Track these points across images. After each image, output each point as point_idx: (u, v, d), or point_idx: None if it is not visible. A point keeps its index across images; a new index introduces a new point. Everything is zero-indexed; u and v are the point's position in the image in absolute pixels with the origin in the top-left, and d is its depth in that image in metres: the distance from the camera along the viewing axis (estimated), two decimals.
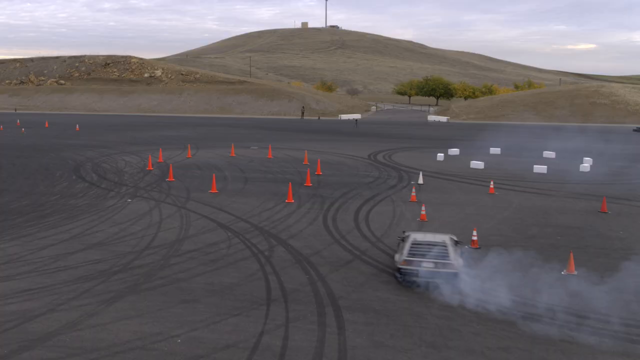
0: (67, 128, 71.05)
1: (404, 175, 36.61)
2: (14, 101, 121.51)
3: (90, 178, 34.58)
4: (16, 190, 30.83)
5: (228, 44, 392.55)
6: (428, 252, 16.48)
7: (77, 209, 26.23)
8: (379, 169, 39.45)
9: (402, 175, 36.54)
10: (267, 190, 31.04)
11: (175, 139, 58.85)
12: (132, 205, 27.24)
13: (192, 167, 38.88)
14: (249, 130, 70.57)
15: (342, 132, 68.26)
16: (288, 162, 42.28)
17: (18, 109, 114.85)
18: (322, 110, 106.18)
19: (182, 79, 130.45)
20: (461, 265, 16.53)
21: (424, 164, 40.95)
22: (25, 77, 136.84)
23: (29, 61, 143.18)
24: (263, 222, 24.04)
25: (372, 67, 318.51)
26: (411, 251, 16.75)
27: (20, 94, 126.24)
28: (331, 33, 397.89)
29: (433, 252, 16.44)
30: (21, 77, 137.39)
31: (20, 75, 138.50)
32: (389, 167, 40.23)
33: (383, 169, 39.68)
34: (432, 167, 39.66)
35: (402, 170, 38.82)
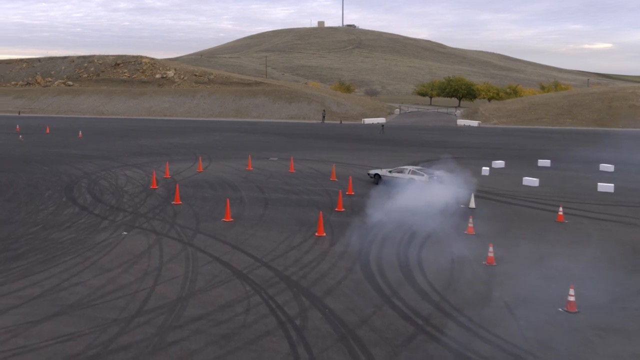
0: (69, 134, 66.66)
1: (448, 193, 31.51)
2: (18, 103, 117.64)
3: (83, 200, 29.88)
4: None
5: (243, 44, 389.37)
6: None
7: (59, 247, 21.48)
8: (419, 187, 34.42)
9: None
10: (291, 218, 26.15)
11: (186, 147, 54.20)
12: (128, 240, 22.47)
13: (203, 185, 34.08)
14: (266, 137, 65.80)
15: (368, 139, 63.23)
16: (313, 177, 37.38)
17: (22, 111, 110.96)
18: (343, 114, 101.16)
19: (195, 80, 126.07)
20: None
21: (466, 179, 35.83)
22: (31, 78, 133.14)
23: (36, 61, 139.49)
24: (290, 268, 19.13)
25: (390, 67, 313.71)
26: None
27: (25, 95, 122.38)
28: (348, 32, 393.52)
29: None
30: (28, 78, 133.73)
31: (26, 76, 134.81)
32: (429, 184, 35.13)
33: (423, 185, 34.61)
34: (478, 185, 34.51)
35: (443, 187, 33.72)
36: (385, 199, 30.36)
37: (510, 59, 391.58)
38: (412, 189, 32.30)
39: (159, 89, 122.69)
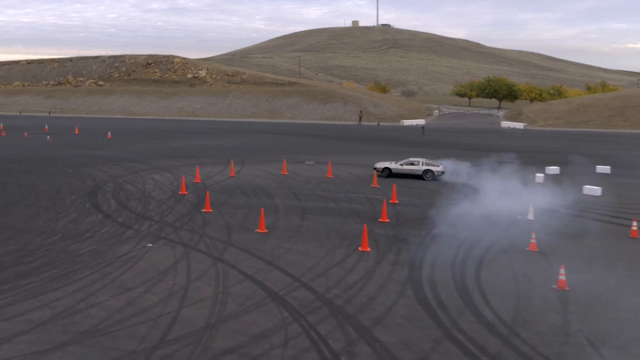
0: (99, 135, 65.78)
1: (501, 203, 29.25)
2: (49, 103, 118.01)
3: (107, 207, 28.34)
4: (8, 225, 24.74)
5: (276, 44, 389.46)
6: None
7: (77, 261, 19.84)
8: (466, 194, 32.21)
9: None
10: (331, 230, 24.19)
11: (218, 149, 52.67)
12: (153, 253, 20.75)
13: (235, 192, 32.33)
14: (301, 139, 64.03)
15: (408, 142, 60.94)
16: (353, 183, 35.38)
17: (52, 111, 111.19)
18: (380, 115, 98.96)
19: (227, 80, 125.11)
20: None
21: (519, 188, 33.40)
22: (63, 78, 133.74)
23: (67, 61, 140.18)
24: (332, 290, 17.15)
25: (426, 67, 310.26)
26: None
27: (56, 95, 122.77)
28: (383, 32, 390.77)
29: None
30: (59, 78, 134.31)
31: (58, 75, 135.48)
32: (478, 192, 32.88)
33: (472, 194, 32.42)
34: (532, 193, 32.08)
35: (494, 196, 31.46)
36: (432, 208, 28.27)
37: (551, 58, 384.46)
38: (462, 198, 30.18)
39: (190, 89, 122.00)
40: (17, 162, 43.37)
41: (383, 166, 37.55)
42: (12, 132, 68.10)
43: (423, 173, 36.75)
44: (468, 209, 28.06)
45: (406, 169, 36.99)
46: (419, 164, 37.16)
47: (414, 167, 36.97)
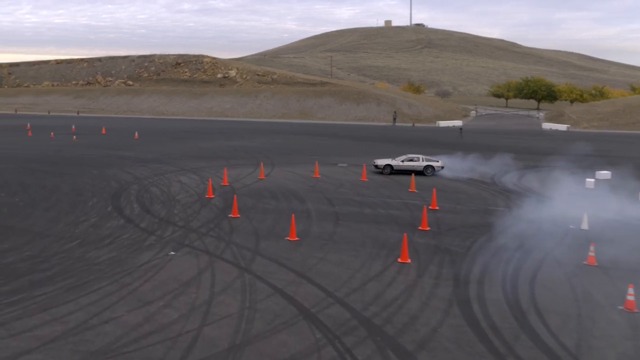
0: (126, 135, 65.22)
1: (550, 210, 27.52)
2: (77, 103, 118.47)
3: (129, 210, 27.29)
4: (26, 229, 23.79)
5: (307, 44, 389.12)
6: None
7: (94, 269, 18.71)
8: (511, 200, 30.54)
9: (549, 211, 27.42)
10: (367, 238, 22.75)
11: (247, 151, 51.56)
12: (175, 262, 19.54)
13: (265, 195, 31.08)
14: (333, 140, 62.67)
15: (446, 144, 59.11)
16: (389, 187, 33.89)
17: (81, 111, 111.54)
18: (415, 116, 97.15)
19: (258, 80, 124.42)
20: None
21: (569, 194, 31.55)
22: (92, 78, 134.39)
23: (96, 61, 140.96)
24: (370, 307, 15.72)
25: (461, 67, 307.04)
26: None
27: (85, 95, 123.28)
28: (416, 31, 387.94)
29: None
30: (88, 78, 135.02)
31: (87, 75, 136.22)
32: (524, 197, 31.20)
33: (517, 199, 30.73)
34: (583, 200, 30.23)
35: (543, 202, 29.76)
36: (476, 214, 26.67)
37: (590, 58, 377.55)
38: (507, 205, 28.51)
39: (220, 89, 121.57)
40: (41, 162, 42.75)
41: (384, 163, 38.23)
42: (39, 132, 67.94)
43: (424, 169, 37.92)
44: (515, 216, 26.40)
45: (407, 166, 37.96)
46: (419, 160, 38.33)
47: (415, 163, 38.12)
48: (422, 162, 38.13)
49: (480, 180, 37.00)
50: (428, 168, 38.04)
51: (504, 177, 38.45)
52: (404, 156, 39.42)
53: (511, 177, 38.57)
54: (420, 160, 38.28)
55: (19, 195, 30.64)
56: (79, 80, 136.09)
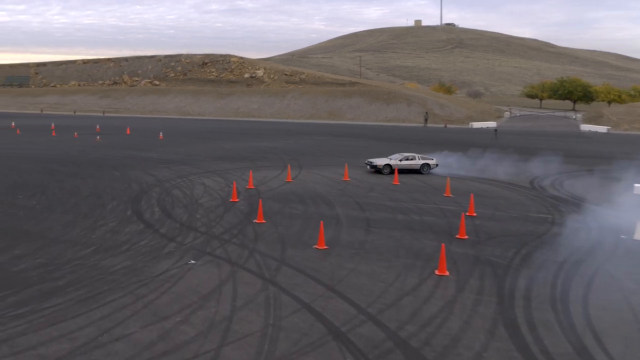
0: (150, 136, 64.64)
1: (598, 218, 25.92)
2: (103, 103, 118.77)
3: (149, 215, 26.30)
4: (41, 234, 22.90)
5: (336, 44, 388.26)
6: None
7: (109, 279, 17.67)
8: (555, 206, 28.95)
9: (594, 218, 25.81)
10: (401, 247, 21.42)
11: (274, 152, 50.49)
12: (195, 271, 18.43)
13: (292, 199, 29.90)
14: (363, 142, 61.31)
15: (481, 146, 57.41)
16: (422, 191, 32.49)
17: (107, 111, 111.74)
18: (447, 117, 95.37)
19: (286, 80, 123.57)
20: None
21: (617, 200, 29.82)
22: (118, 78, 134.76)
23: (123, 61, 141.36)
24: (406, 326, 14.41)
25: (493, 68, 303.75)
26: None
27: (111, 95, 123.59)
28: (447, 31, 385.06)
29: None
30: (114, 78, 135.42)
31: (113, 75, 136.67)
32: (568, 204, 29.60)
33: (560, 205, 29.14)
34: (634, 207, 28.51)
35: (589, 209, 28.14)
36: (518, 222, 25.18)
37: (628, 58, 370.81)
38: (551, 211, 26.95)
39: (247, 89, 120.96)
40: (62, 163, 42.13)
41: (384, 163, 38.07)
42: (63, 132, 67.75)
43: (421, 167, 38.41)
44: (560, 224, 24.88)
45: (405, 164, 38.27)
46: (415, 158, 38.79)
47: (413, 161, 38.54)
48: (419, 161, 38.66)
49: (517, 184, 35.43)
50: (424, 166, 38.52)
51: (545, 181, 36.80)
52: (399, 154, 39.66)
53: (552, 181, 36.91)
54: (417, 159, 38.76)
55: (37, 198, 29.88)
56: (105, 80, 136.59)
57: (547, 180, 36.96)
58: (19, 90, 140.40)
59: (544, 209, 28.35)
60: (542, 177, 38.03)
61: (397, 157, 39.19)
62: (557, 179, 37.61)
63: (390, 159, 38.90)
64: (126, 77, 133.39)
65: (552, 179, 37.48)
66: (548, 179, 37.44)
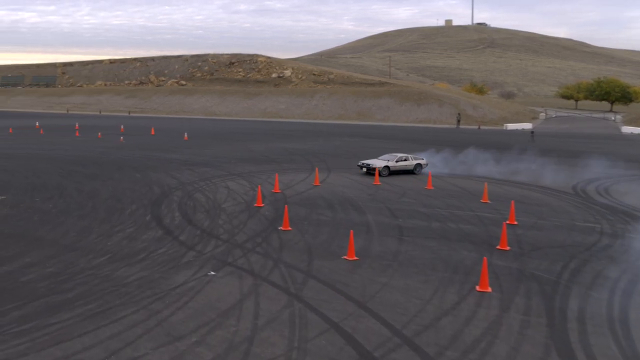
0: (175, 136, 63.89)
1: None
2: (129, 103, 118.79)
3: (169, 220, 25.22)
4: (54, 240, 21.92)
5: (365, 44, 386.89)
6: None
7: (121, 292, 16.55)
8: (602, 214, 27.26)
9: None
10: (437, 258, 20.01)
11: (301, 154, 49.29)
12: (215, 284, 17.24)
13: (320, 204, 28.62)
14: (393, 143, 59.80)
15: (516, 149, 55.57)
16: (458, 197, 30.99)
17: (132, 111, 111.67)
18: (480, 118, 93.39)
19: (314, 80, 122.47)
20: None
21: None
22: (145, 77, 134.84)
23: (149, 60, 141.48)
24: (447, 352, 13.03)
25: (526, 68, 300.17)
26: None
27: (137, 95, 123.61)
28: (478, 31, 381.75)
29: None
30: (141, 77, 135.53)
31: (140, 75, 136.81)
32: (617, 212, 27.88)
33: (608, 213, 27.44)
34: None
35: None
36: (563, 231, 23.59)
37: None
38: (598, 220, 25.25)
39: (275, 89, 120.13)
40: (83, 164, 41.37)
41: (383, 165, 36.81)
42: (87, 133, 67.35)
43: (414, 167, 37.78)
44: (610, 235, 23.25)
45: (402, 166, 37.47)
46: (408, 159, 38.01)
47: (407, 162, 37.73)
48: (412, 161, 37.99)
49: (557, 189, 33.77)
50: (417, 166, 37.98)
51: (589, 186, 35.05)
52: (389, 155, 38.82)
53: (597, 186, 35.14)
54: (410, 159, 38.07)
55: (54, 201, 29.01)
56: (131, 80, 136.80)
57: (591, 186, 35.20)
58: (46, 90, 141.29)
59: (590, 218, 26.69)
60: (586, 182, 36.27)
61: (387, 157, 38.15)
62: (601, 184, 35.84)
63: (388, 160, 37.53)
64: (153, 77, 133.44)
65: (597, 184, 35.71)
66: (592, 184, 35.67)
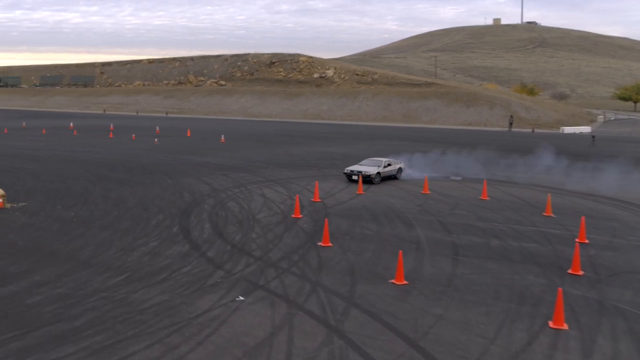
0: (211, 138, 62.44)
1: None
2: (167, 103, 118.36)
3: (198, 232, 23.43)
4: (70, 255, 20.28)
5: (410, 43, 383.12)
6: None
7: (136, 320, 14.72)
8: None
9: None
10: (500, 284, 17.73)
11: (343, 158, 47.19)
12: (243, 313, 15.30)
13: (363, 216, 26.53)
14: (442, 148, 57.30)
15: (577, 154, 52.56)
16: (516, 209, 28.55)
17: (170, 112, 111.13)
18: (534, 120, 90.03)
19: (357, 80, 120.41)
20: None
21: None
22: (183, 77, 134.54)
23: (188, 60, 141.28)
24: None
25: (579, 68, 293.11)
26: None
27: (175, 95, 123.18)
28: (528, 30, 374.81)
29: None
30: (180, 77, 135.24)
31: (179, 75, 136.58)
32: None
33: None
34: None
35: None
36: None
37: None
38: None
39: (316, 89, 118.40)
40: (113, 168, 40.03)
41: (375, 172, 34.87)
42: (121, 134, 66.41)
43: (397, 172, 36.72)
44: None
45: (388, 171, 36.10)
46: (392, 163, 36.77)
47: (392, 167, 36.42)
48: (395, 166, 36.69)
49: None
50: (399, 171, 36.92)
51: None
52: (369, 160, 37.25)
53: None
54: (394, 164, 36.77)
55: (77, 208, 27.52)
56: (170, 79, 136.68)
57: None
58: (84, 90, 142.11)
59: None
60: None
61: (368, 162, 36.44)
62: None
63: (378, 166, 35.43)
64: (191, 76, 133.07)
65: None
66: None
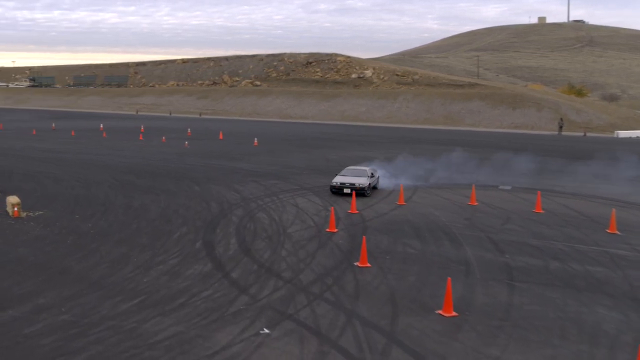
0: (244, 141, 60.91)
1: None
2: (200, 104, 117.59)
3: (223, 248, 21.74)
4: (82, 273, 18.74)
5: (451, 43, 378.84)
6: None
7: (144, 357, 13.03)
8: None
9: None
10: (565, 318, 15.63)
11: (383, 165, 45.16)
12: (267, 349, 13.52)
13: (406, 232, 24.56)
14: (488, 153, 54.91)
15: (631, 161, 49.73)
16: (575, 225, 26.27)
17: (203, 113, 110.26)
18: (585, 123, 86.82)
19: (397, 81, 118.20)
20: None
21: None
22: (218, 78, 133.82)
23: (223, 60, 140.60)
24: None
25: (631, 68, 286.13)
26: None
27: (209, 96, 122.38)
28: (575, 28, 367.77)
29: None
30: (214, 78, 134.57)
31: (213, 75, 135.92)
32: None
33: None
34: None
35: None
36: None
37: None
38: None
39: (354, 90, 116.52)
40: (138, 173, 38.67)
41: (367, 183, 32.22)
42: (152, 136, 65.33)
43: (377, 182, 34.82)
44: None
45: (373, 181, 33.76)
46: (376, 171, 35.05)
47: (374, 177, 34.18)
48: (376, 175, 34.66)
49: None
50: (377, 179, 34.94)
51: None
52: (350, 169, 34.59)
53: None
54: (375, 173, 34.64)
55: (95, 219, 26.08)
56: (204, 80, 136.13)
57: None
58: (117, 90, 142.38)
59: None
60: None
61: (347, 172, 33.68)
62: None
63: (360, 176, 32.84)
64: (226, 77, 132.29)
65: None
66: None
